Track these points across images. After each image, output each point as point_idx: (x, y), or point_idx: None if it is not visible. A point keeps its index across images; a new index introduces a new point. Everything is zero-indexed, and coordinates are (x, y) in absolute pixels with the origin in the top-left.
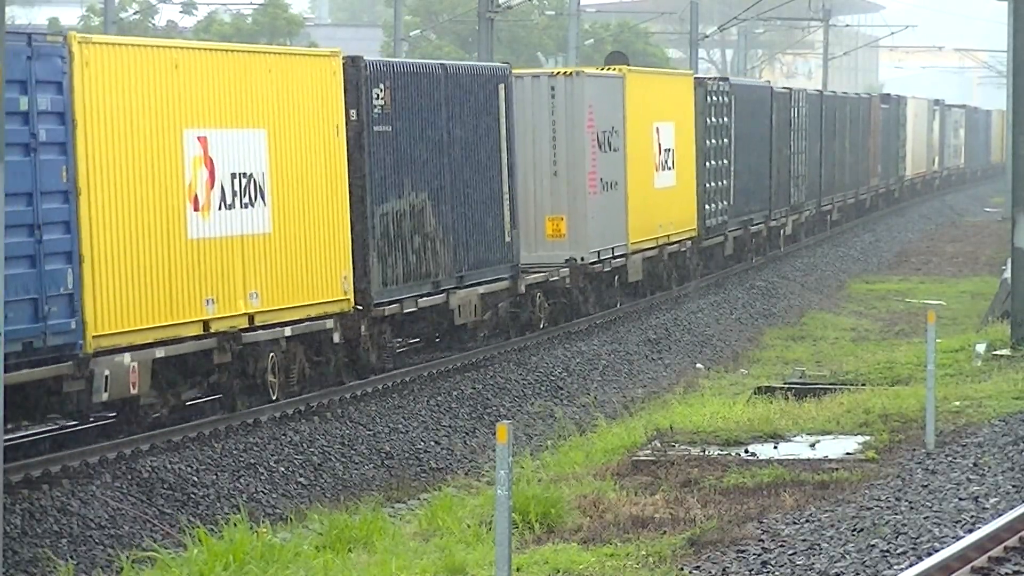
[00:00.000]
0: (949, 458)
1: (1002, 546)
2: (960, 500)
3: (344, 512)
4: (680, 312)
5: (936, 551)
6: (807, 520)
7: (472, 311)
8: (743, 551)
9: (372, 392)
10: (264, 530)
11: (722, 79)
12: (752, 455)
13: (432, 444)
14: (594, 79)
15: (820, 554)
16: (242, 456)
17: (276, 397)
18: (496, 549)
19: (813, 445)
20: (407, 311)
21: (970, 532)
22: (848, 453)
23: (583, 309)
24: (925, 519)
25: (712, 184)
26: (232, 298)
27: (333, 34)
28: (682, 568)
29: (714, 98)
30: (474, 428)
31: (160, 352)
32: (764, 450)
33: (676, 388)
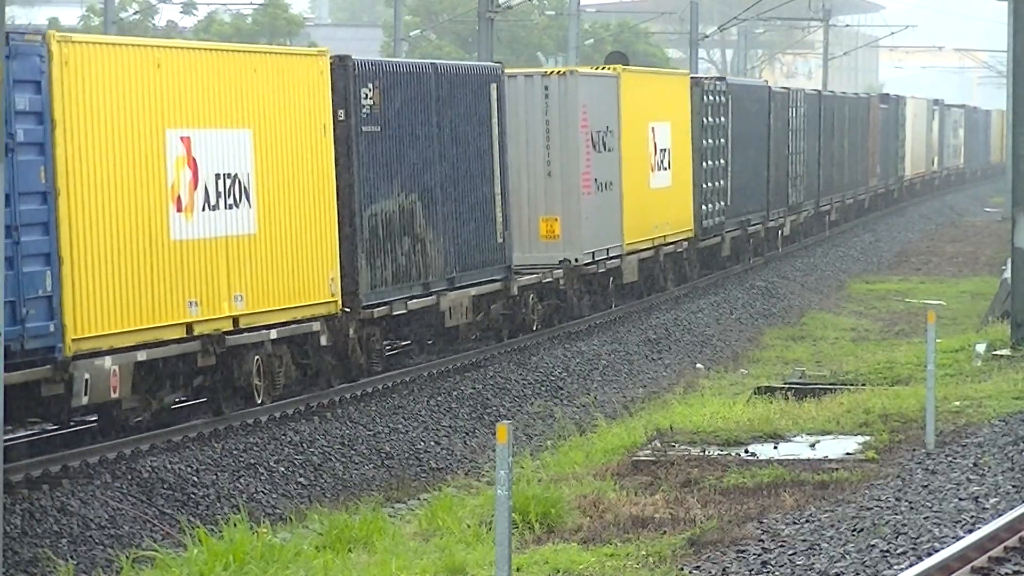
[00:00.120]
0: (949, 458)
1: (1002, 546)
2: (960, 500)
3: (344, 512)
4: (680, 312)
5: (936, 551)
6: (807, 520)
7: (463, 313)
8: (743, 551)
9: (372, 392)
10: (264, 530)
11: (719, 79)
12: (752, 455)
13: (432, 444)
14: (588, 79)
15: (820, 554)
16: (242, 456)
17: (262, 400)
18: (496, 549)
19: (813, 445)
20: (396, 313)
21: (970, 532)
22: (848, 453)
23: (577, 311)
24: (925, 519)
25: (709, 184)
26: (216, 300)
27: (333, 34)
28: (682, 568)
29: (711, 98)
30: (474, 428)
31: (142, 355)
32: (764, 450)
33: (676, 388)
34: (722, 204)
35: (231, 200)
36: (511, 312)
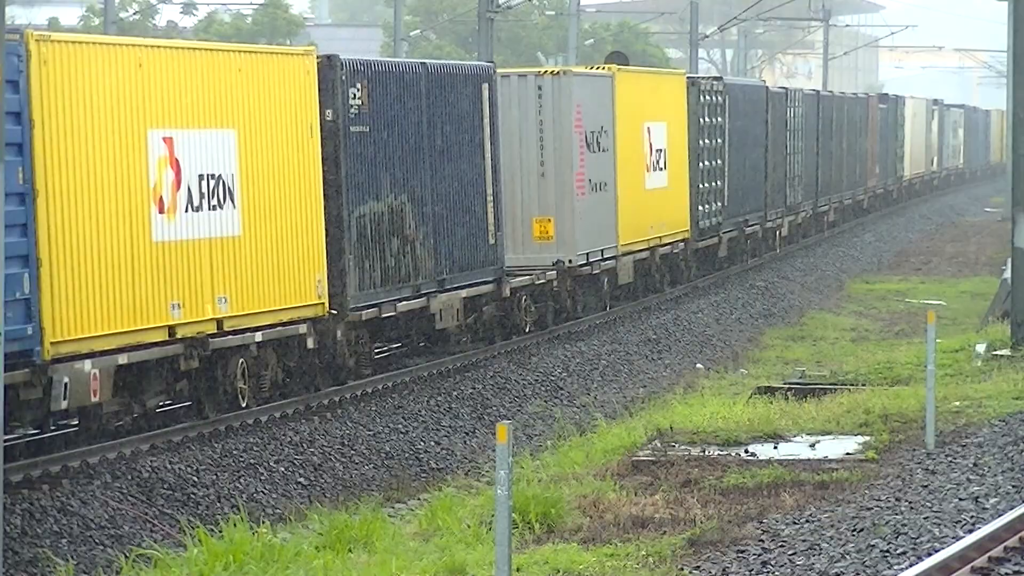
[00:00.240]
0: (949, 458)
1: (1002, 546)
2: (960, 500)
3: (344, 512)
4: (680, 312)
5: (936, 551)
6: (807, 520)
7: (454, 315)
8: (743, 551)
9: (372, 392)
10: (264, 530)
11: (716, 78)
12: (752, 455)
13: (432, 444)
14: (582, 79)
15: (820, 554)
16: (242, 456)
17: (246, 404)
18: (496, 549)
19: (813, 445)
20: (385, 316)
21: (970, 532)
22: (848, 453)
23: (571, 312)
24: (925, 519)
25: (706, 185)
26: (199, 303)
27: (333, 34)
28: (682, 568)
29: (708, 98)
30: (474, 428)
31: (123, 359)
32: (764, 450)
33: (676, 388)
34: (719, 205)
35: (215, 201)
36: (503, 314)
